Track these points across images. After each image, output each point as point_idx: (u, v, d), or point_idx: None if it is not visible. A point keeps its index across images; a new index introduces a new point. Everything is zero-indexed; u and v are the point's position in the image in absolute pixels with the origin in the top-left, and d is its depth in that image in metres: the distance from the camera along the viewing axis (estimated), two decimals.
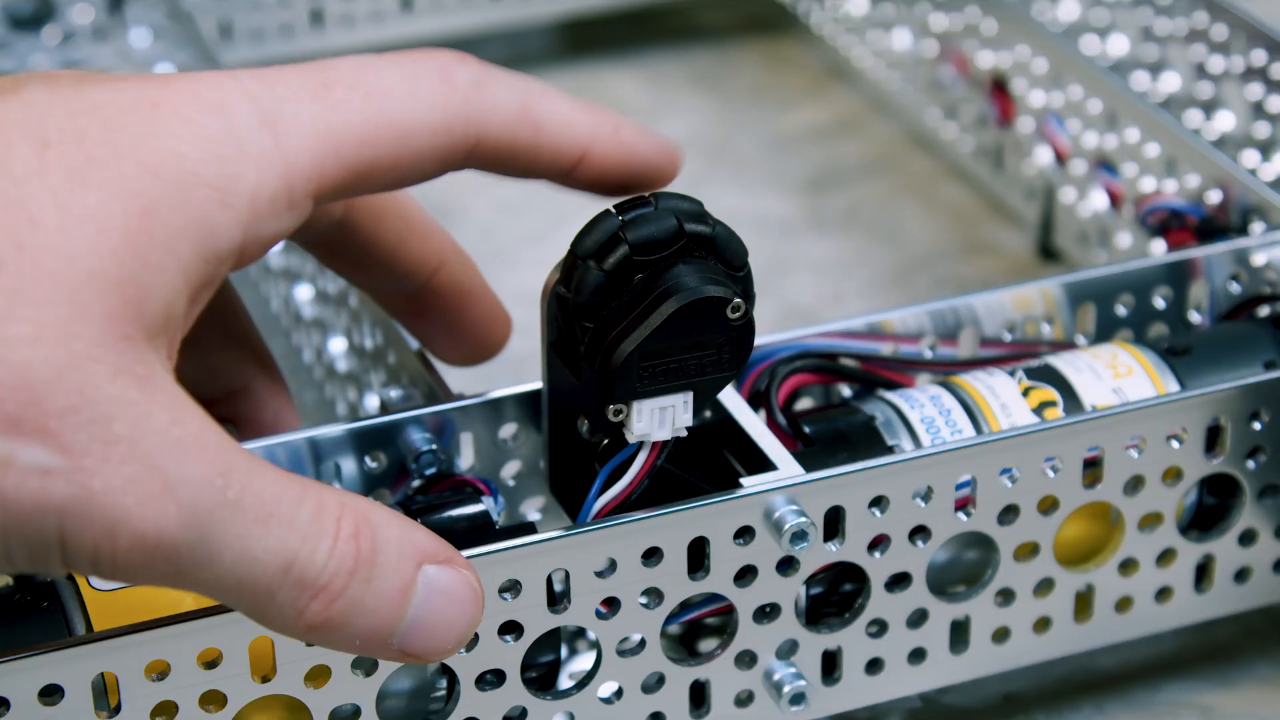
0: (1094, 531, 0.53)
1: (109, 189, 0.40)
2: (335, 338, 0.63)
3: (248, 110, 0.42)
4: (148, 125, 0.41)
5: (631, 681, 0.49)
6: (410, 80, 0.44)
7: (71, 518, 0.38)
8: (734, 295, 0.46)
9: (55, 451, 0.38)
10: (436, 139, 0.44)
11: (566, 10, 0.89)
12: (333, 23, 0.84)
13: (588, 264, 0.46)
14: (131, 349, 0.39)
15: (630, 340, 0.45)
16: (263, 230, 0.42)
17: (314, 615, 0.41)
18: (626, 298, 0.46)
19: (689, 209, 0.46)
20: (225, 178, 0.41)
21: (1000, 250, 0.77)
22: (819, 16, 0.89)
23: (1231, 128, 0.69)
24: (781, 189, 0.81)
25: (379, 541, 0.41)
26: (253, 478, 0.40)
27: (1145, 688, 0.56)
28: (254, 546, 0.40)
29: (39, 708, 0.43)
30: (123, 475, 0.39)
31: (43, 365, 0.38)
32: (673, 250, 0.46)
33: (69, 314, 0.39)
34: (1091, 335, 0.57)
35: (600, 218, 0.46)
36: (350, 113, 0.43)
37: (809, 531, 0.47)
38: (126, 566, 0.39)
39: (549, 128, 0.46)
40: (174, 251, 0.40)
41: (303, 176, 0.42)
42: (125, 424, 0.39)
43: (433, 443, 0.50)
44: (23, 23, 0.79)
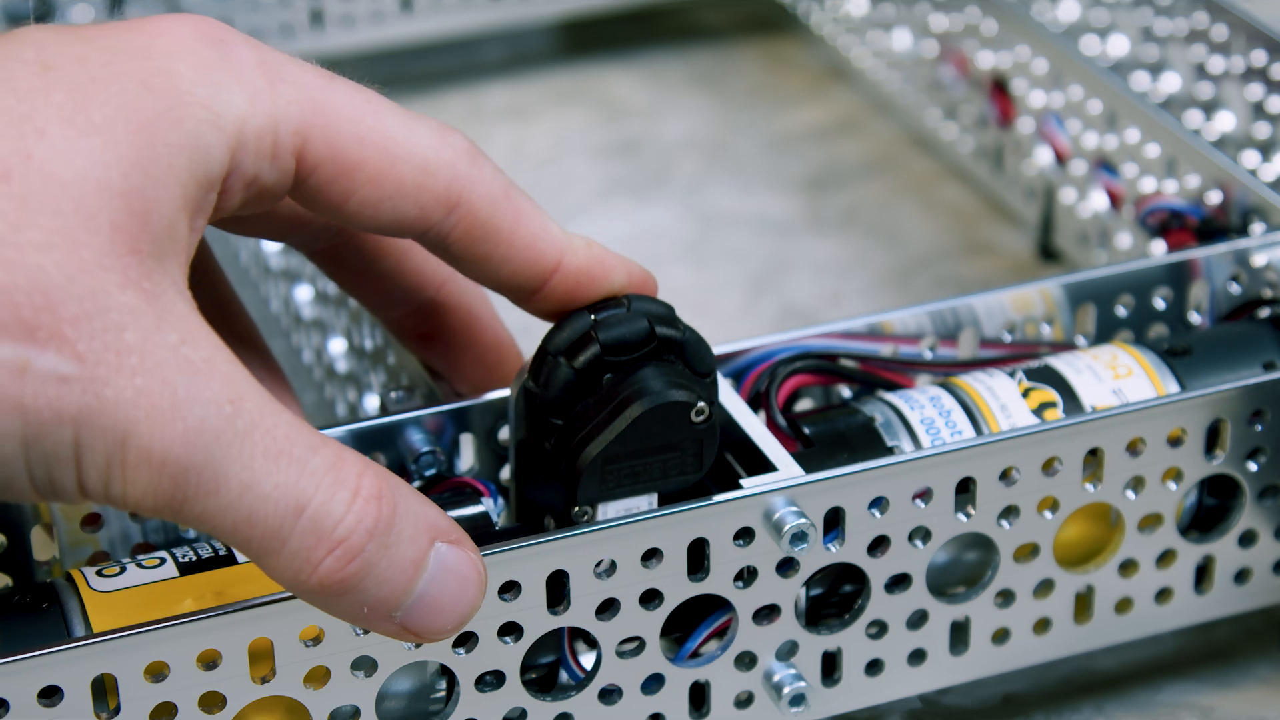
0: (1094, 532, 0.53)
1: (111, 105, 0.40)
2: (335, 338, 0.63)
3: (247, 51, 0.43)
4: (147, 49, 0.41)
5: (632, 682, 0.49)
6: (410, 119, 0.45)
7: (86, 428, 0.38)
8: (698, 399, 0.47)
9: (71, 359, 0.38)
10: (422, 177, 0.44)
11: (566, 10, 0.89)
12: (333, 23, 0.84)
13: (559, 360, 0.47)
14: (139, 264, 0.39)
15: (596, 443, 0.47)
16: (246, 165, 0.42)
17: (327, 571, 0.40)
18: (593, 400, 0.47)
19: (660, 312, 0.47)
20: (217, 100, 0.41)
21: (1000, 251, 0.77)
22: (819, 16, 0.89)
23: (1232, 128, 0.69)
24: (781, 189, 0.81)
25: (399, 508, 0.41)
26: (265, 413, 0.40)
27: (1145, 689, 0.56)
28: (262, 480, 0.40)
29: (39, 708, 0.43)
30: (134, 386, 0.38)
31: (55, 270, 0.38)
32: (642, 353, 0.47)
33: (78, 222, 0.39)
34: (1091, 336, 0.57)
35: (573, 316, 0.47)
36: (348, 100, 0.44)
37: (809, 532, 0.47)
38: (134, 485, 0.39)
39: (528, 223, 0.46)
40: (173, 168, 0.40)
41: (290, 128, 0.43)
42: (136, 335, 0.39)
43: (432, 444, 0.50)
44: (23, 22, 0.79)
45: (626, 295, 0.47)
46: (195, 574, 0.47)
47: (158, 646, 0.44)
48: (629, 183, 0.81)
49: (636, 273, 0.48)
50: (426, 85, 0.88)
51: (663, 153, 0.83)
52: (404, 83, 0.88)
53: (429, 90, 0.88)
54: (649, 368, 0.47)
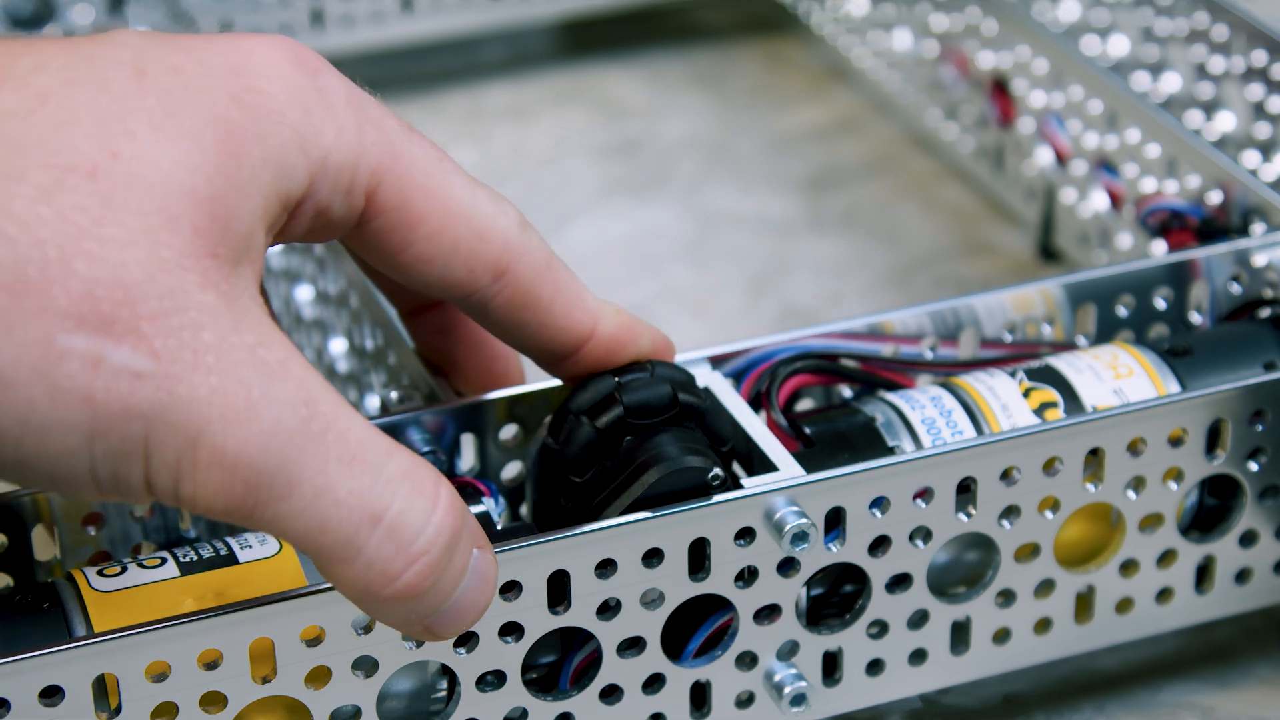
0: (1095, 532, 0.53)
1: (202, 114, 0.41)
2: (335, 338, 0.63)
3: (338, 85, 0.43)
4: (240, 65, 0.42)
5: (632, 682, 0.49)
6: (472, 184, 0.45)
7: (157, 425, 0.38)
8: (713, 465, 0.47)
9: (146, 355, 0.38)
10: (476, 243, 0.45)
11: (566, 10, 0.89)
12: (333, 23, 0.84)
13: (580, 419, 0.47)
14: (218, 267, 0.40)
15: (614, 506, 0.47)
16: (321, 194, 0.43)
17: (405, 584, 0.40)
18: (612, 462, 0.47)
19: (683, 379, 0.48)
20: (306, 126, 0.42)
21: (1000, 251, 0.77)
22: (819, 16, 0.89)
23: (1232, 128, 0.69)
24: (781, 189, 0.81)
25: (465, 519, 0.41)
26: (339, 416, 0.40)
27: (1145, 689, 0.56)
28: (337, 486, 0.39)
29: (39, 708, 0.43)
30: (209, 385, 0.38)
31: (136, 267, 0.38)
32: (664, 418, 0.47)
33: (160, 222, 0.39)
34: (1092, 336, 0.57)
35: (596, 378, 0.48)
36: (422, 156, 0.44)
37: (810, 532, 0.47)
38: (205, 486, 0.39)
39: (568, 292, 0.47)
40: (257, 180, 0.41)
41: (368, 169, 0.43)
42: (213, 334, 0.39)
43: (433, 444, 0.50)
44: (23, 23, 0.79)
45: (650, 360, 0.48)
46: (196, 574, 0.47)
47: (159, 646, 0.44)
48: (629, 183, 0.81)
49: (660, 340, 0.49)
50: (426, 85, 0.88)
51: (663, 153, 0.83)
52: (404, 83, 0.88)
53: (429, 90, 0.88)
54: (668, 433, 0.48)
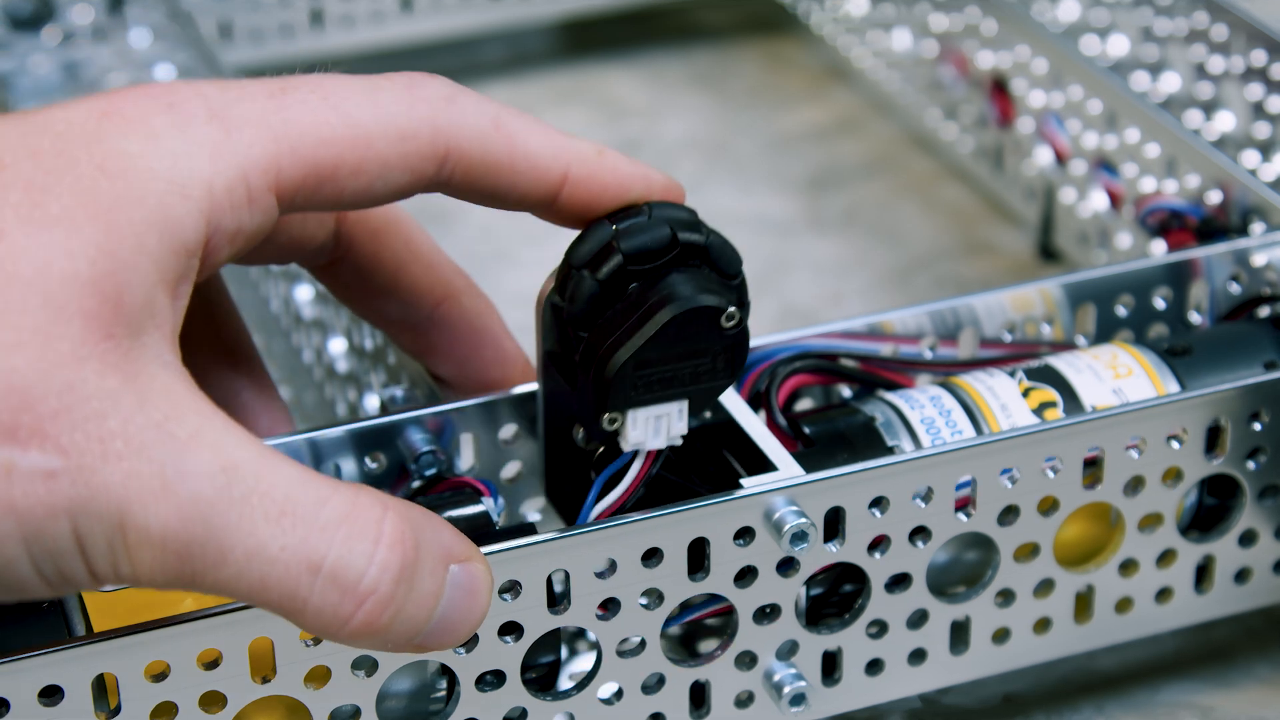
0: (1094, 532, 0.53)
1: (69, 195, 0.40)
2: (335, 338, 0.63)
3: (197, 106, 0.42)
4: (98, 132, 0.41)
5: (632, 682, 0.49)
6: (373, 89, 0.44)
7: (81, 517, 0.38)
8: (728, 304, 0.46)
9: (55, 453, 0.38)
10: (403, 144, 0.44)
11: (566, 10, 0.89)
12: (332, 23, 0.84)
13: (582, 273, 0.46)
14: (116, 347, 0.39)
15: (625, 349, 0.46)
16: (224, 222, 0.42)
17: (360, 624, 0.40)
18: (621, 307, 0.46)
19: (683, 218, 0.46)
20: (179, 170, 0.41)
21: (1000, 250, 0.77)
22: (819, 16, 0.89)
23: (1231, 128, 0.69)
24: (781, 189, 0.81)
25: (421, 545, 0.41)
26: (261, 476, 0.40)
27: (1145, 688, 0.56)
28: (268, 545, 0.39)
29: (39, 708, 0.43)
30: (122, 470, 0.38)
31: (29, 369, 0.38)
32: (667, 259, 0.46)
33: (47, 317, 0.39)
34: (1091, 336, 0.57)
35: (594, 226, 0.46)
36: (305, 111, 0.43)
37: (809, 532, 0.47)
38: (141, 564, 0.39)
39: (525, 145, 0.45)
40: (143, 247, 0.40)
41: (258, 169, 0.42)
42: (118, 420, 0.39)
43: (433, 444, 0.50)
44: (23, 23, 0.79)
45: (648, 203, 0.47)
46: None
47: (158, 646, 0.44)
48: None
49: (657, 179, 0.47)
50: None
51: (663, 153, 0.83)
52: None
53: None
54: (676, 274, 0.46)
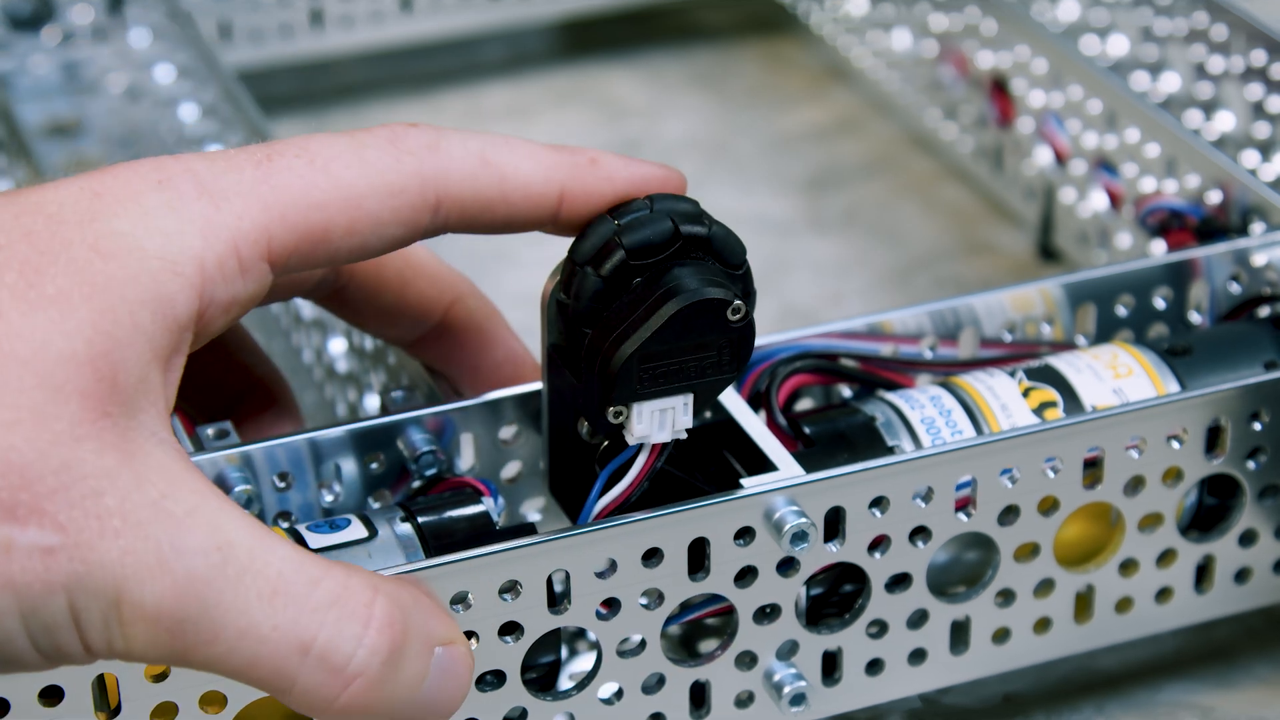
0: (1094, 532, 0.53)
1: (65, 276, 0.40)
2: (335, 338, 0.63)
3: (187, 183, 0.42)
4: (91, 212, 0.41)
5: (632, 682, 0.49)
6: (357, 147, 0.44)
7: (78, 593, 0.39)
8: (734, 297, 0.46)
9: (53, 530, 0.39)
10: (393, 200, 0.44)
11: (566, 10, 0.89)
12: (332, 23, 0.84)
13: (585, 270, 0.46)
14: (112, 426, 0.40)
15: (630, 343, 0.45)
16: (217, 295, 0.42)
17: (346, 705, 0.41)
18: (626, 300, 0.46)
19: (685, 210, 0.46)
20: (171, 248, 0.42)
21: (1000, 250, 0.77)
22: (819, 16, 0.89)
23: (1231, 128, 0.69)
24: (781, 189, 0.81)
25: (409, 629, 0.42)
26: (255, 555, 0.40)
27: (1145, 688, 0.56)
28: (260, 624, 0.40)
29: (39, 708, 0.43)
30: (119, 547, 0.39)
31: (27, 448, 0.39)
32: (670, 252, 0.46)
33: (44, 396, 0.39)
34: (1092, 336, 0.57)
35: (597, 222, 0.46)
36: (293, 177, 0.43)
37: (809, 532, 0.47)
38: (135, 640, 0.39)
39: (515, 175, 0.46)
40: (138, 325, 0.41)
41: (249, 240, 0.43)
42: (115, 498, 0.39)
43: (433, 444, 0.50)
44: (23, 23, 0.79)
45: (650, 195, 0.47)
46: None
47: None
48: None
49: (655, 176, 0.47)
50: (426, 85, 0.88)
51: (663, 153, 0.83)
52: (404, 83, 0.88)
53: (429, 90, 0.88)
54: (681, 266, 0.46)
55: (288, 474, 0.50)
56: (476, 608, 0.46)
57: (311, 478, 0.50)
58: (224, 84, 0.71)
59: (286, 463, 0.50)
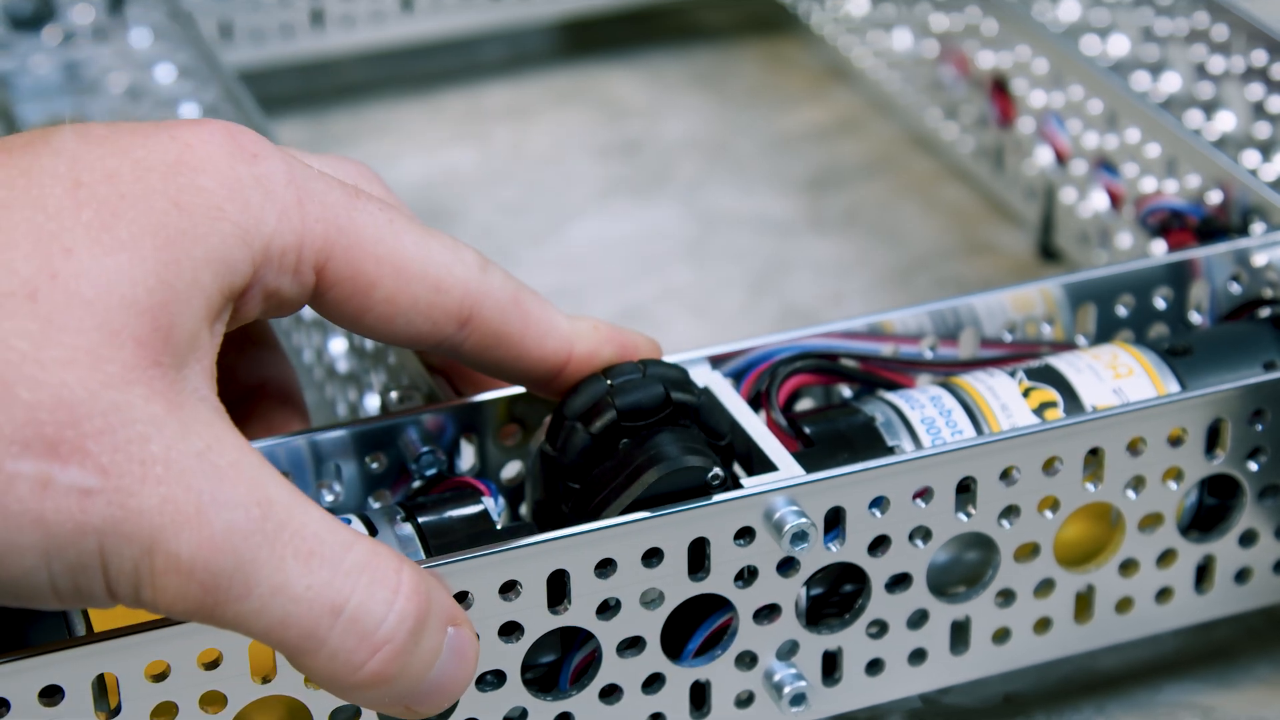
0: (1094, 532, 0.53)
1: (139, 223, 0.41)
2: (335, 338, 0.63)
3: (279, 167, 0.43)
4: (177, 162, 0.42)
5: (632, 682, 0.49)
6: (425, 237, 0.46)
7: (111, 537, 0.39)
8: (713, 465, 0.47)
9: (94, 472, 0.39)
10: (437, 295, 0.45)
11: (566, 10, 0.89)
12: (333, 23, 0.84)
13: (575, 425, 0.47)
14: (163, 375, 0.40)
15: (614, 507, 0.47)
16: (269, 279, 0.43)
17: (371, 672, 0.41)
18: (610, 465, 0.47)
19: (676, 378, 0.48)
20: (247, 217, 0.42)
21: (1000, 250, 0.77)
22: (819, 16, 0.89)
23: (1232, 128, 0.69)
24: (781, 189, 0.81)
25: (432, 602, 0.42)
26: (294, 513, 0.40)
27: (1146, 688, 0.56)
28: (294, 583, 0.40)
29: (39, 708, 0.43)
30: (159, 495, 0.39)
31: (79, 386, 0.39)
32: (658, 418, 0.47)
33: (101, 339, 0.39)
34: (1092, 336, 0.57)
35: (590, 381, 0.48)
36: (370, 222, 0.45)
37: (809, 532, 0.47)
38: (164, 591, 0.40)
39: (538, 324, 0.47)
40: (198, 282, 0.41)
41: (314, 246, 0.43)
42: (160, 445, 0.39)
43: (433, 444, 0.50)
44: (23, 23, 0.79)
45: (642, 360, 0.48)
46: None
47: (159, 646, 0.44)
48: (630, 183, 0.81)
49: (643, 344, 0.49)
50: (426, 85, 0.88)
51: (663, 153, 0.83)
52: (404, 83, 0.88)
53: (429, 90, 0.88)
54: (665, 433, 0.47)
55: (288, 474, 0.50)
56: (476, 608, 0.46)
57: (311, 478, 0.50)
58: (225, 84, 0.71)
59: (286, 463, 0.50)
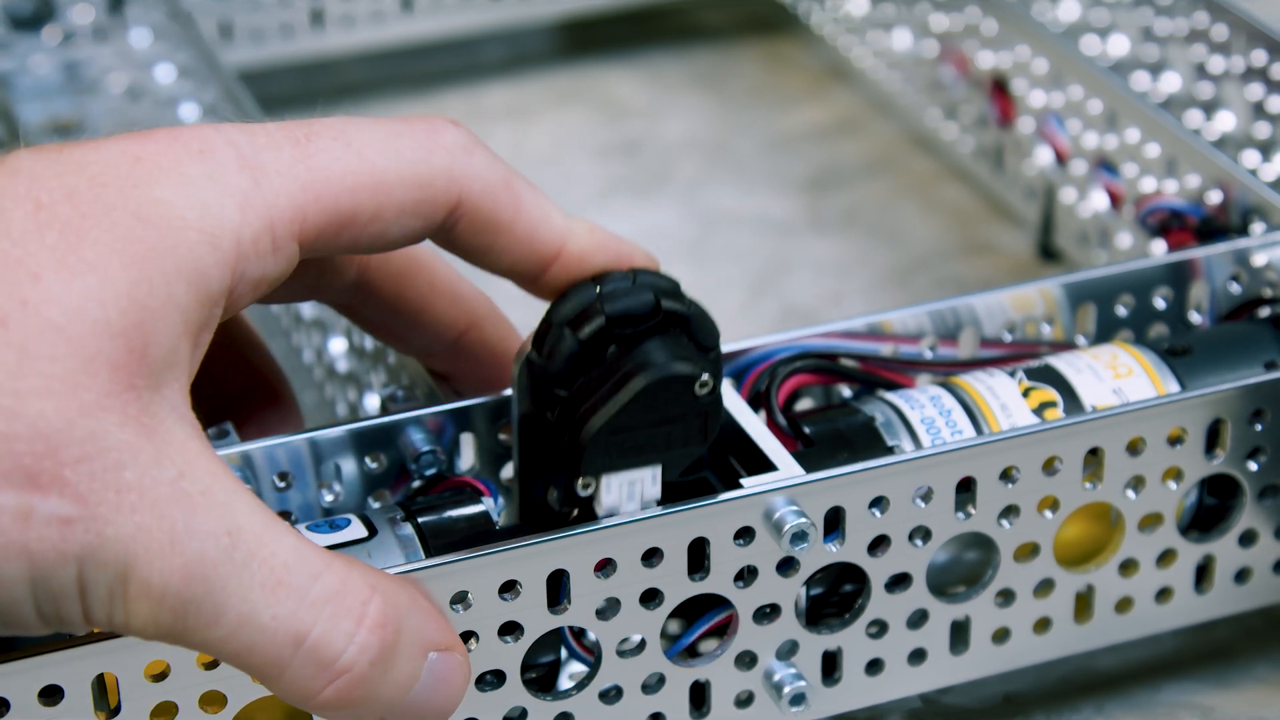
0: (1094, 532, 0.53)
1: (104, 241, 0.40)
2: (335, 338, 0.63)
3: (228, 155, 0.43)
4: (133, 177, 0.42)
5: (632, 682, 0.49)
6: (394, 135, 0.45)
7: (88, 565, 0.39)
8: (701, 372, 0.46)
9: (72, 501, 0.39)
10: (420, 192, 0.45)
11: (566, 10, 0.89)
12: (333, 23, 0.84)
13: (564, 330, 0.47)
14: (137, 399, 0.40)
15: (600, 415, 0.46)
16: (249, 271, 0.43)
17: (328, 699, 0.41)
18: (597, 373, 0.47)
19: (666, 287, 0.47)
20: (210, 220, 0.42)
21: (1000, 250, 0.77)
22: (819, 16, 0.89)
23: (1232, 128, 0.69)
24: (781, 189, 0.81)
25: (403, 632, 0.42)
26: (263, 543, 0.40)
27: (1145, 688, 0.56)
28: (260, 613, 0.40)
29: (39, 708, 0.43)
30: (134, 523, 0.39)
31: (55, 416, 0.39)
32: (647, 326, 0.47)
33: (76, 365, 0.39)
34: (1092, 336, 0.57)
35: (580, 287, 0.47)
36: (330, 160, 0.44)
37: (809, 532, 0.47)
38: (136, 616, 0.40)
39: (530, 211, 0.47)
40: (172, 297, 0.41)
41: (284, 219, 0.43)
42: (134, 472, 0.39)
43: (433, 443, 0.50)
44: (23, 23, 0.79)
45: (633, 269, 0.47)
46: None
47: (159, 646, 0.44)
48: (630, 183, 0.81)
49: (639, 255, 0.48)
50: (426, 85, 0.88)
51: (663, 153, 0.83)
52: (404, 83, 0.88)
53: (429, 90, 0.88)
54: (654, 340, 0.46)
55: (288, 474, 0.50)
56: (476, 608, 0.46)
57: (311, 477, 0.50)
58: (225, 84, 0.71)
59: (287, 462, 0.50)
